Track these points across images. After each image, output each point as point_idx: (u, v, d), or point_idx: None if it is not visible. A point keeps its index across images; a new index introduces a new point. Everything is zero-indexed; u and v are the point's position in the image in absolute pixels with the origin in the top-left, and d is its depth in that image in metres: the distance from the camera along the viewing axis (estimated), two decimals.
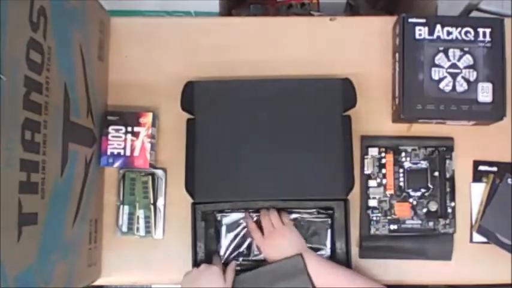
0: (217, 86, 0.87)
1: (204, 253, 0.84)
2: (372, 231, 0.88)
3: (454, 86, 0.84)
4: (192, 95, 0.86)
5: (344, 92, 0.86)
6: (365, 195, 0.89)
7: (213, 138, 0.85)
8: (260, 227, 0.84)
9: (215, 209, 0.85)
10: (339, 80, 0.87)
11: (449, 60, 0.85)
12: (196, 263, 0.83)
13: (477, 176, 0.90)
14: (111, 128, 0.86)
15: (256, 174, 0.84)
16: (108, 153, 0.86)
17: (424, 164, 0.89)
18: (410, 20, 0.86)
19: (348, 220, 0.84)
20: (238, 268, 0.83)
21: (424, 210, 0.88)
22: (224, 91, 0.87)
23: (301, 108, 0.85)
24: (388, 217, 0.88)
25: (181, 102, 0.87)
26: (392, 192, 0.89)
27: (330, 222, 0.86)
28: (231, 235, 0.86)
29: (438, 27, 0.85)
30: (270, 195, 0.84)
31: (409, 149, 0.90)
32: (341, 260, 0.83)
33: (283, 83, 0.87)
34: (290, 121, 0.85)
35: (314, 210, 0.86)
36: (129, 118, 0.87)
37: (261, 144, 0.85)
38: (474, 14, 1.08)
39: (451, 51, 0.85)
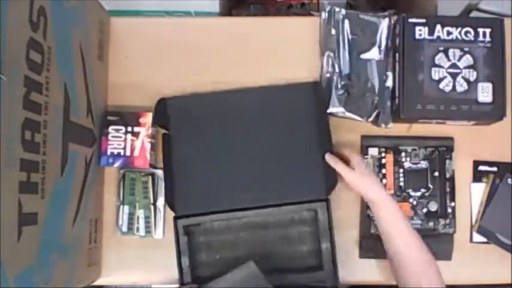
0: (190, 101, 0.88)
1: (191, 268, 0.84)
2: (372, 230, 0.88)
3: (454, 86, 0.84)
4: (165, 111, 0.87)
5: (316, 95, 0.87)
6: None
7: (190, 151, 0.86)
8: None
9: (197, 223, 0.85)
10: (309, 84, 0.88)
11: (449, 60, 0.85)
12: (182, 279, 0.83)
13: (477, 176, 0.90)
14: (111, 128, 0.86)
15: (236, 183, 0.84)
16: (108, 153, 0.86)
17: (424, 164, 0.89)
18: (410, 20, 0.86)
19: (331, 220, 0.84)
20: None
21: (424, 210, 0.88)
22: (198, 105, 0.87)
23: (276, 115, 0.86)
24: None
25: (153, 119, 0.87)
26: (392, 192, 0.89)
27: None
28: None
29: (438, 27, 0.85)
30: (251, 203, 0.84)
31: (409, 149, 0.90)
32: (327, 260, 0.83)
33: (255, 92, 0.88)
34: (266, 128, 0.86)
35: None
36: (129, 118, 0.87)
37: (239, 153, 0.85)
38: (474, 14, 1.08)
39: (451, 51, 0.85)
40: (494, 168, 0.90)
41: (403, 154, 0.90)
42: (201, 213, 0.84)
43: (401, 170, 0.89)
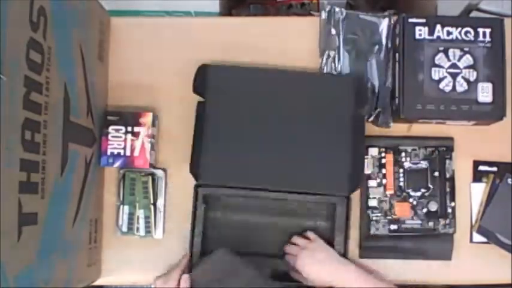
0: (230, 71, 0.87)
1: (202, 239, 0.84)
2: (372, 231, 0.88)
3: (454, 86, 0.84)
4: (205, 78, 0.86)
5: (356, 90, 0.86)
6: (365, 195, 0.89)
7: (222, 122, 0.85)
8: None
9: (217, 193, 0.85)
10: (351, 77, 0.88)
11: (449, 60, 0.85)
12: (192, 248, 0.84)
13: (477, 176, 0.90)
14: (111, 128, 0.86)
15: (262, 162, 0.84)
16: (108, 153, 0.86)
17: (424, 164, 0.89)
18: (410, 20, 0.85)
19: (349, 218, 0.84)
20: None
21: (424, 210, 0.88)
22: (237, 77, 0.87)
23: (314, 103, 0.85)
24: (388, 217, 0.88)
25: (193, 85, 0.87)
26: (392, 192, 0.89)
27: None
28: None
29: (438, 27, 0.85)
30: (273, 185, 0.84)
31: (409, 149, 0.90)
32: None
33: (298, 76, 0.87)
34: (301, 114, 0.85)
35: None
36: (129, 118, 0.87)
37: (270, 133, 0.85)
38: (474, 14, 1.08)
39: (451, 51, 0.85)
40: (494, 168, 0.90)
41: (403, 154, 0.90)
42: (223, 185, 0.84)
43: (401, 170, 0.89)
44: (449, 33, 0.85)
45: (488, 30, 0.85)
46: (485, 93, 0.84)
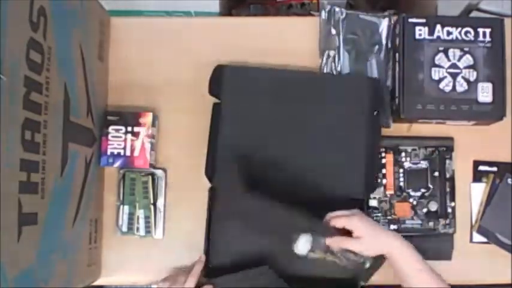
0: (246, 72, 0.86)
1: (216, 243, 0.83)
2: None
3: (454, 86, 0.84)
4: (221, 79, 0.85)
5: (373, 91, 0.85)
6: None
7: (238, 124, 0.84)
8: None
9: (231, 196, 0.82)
10: (368, 78, 0.87)
11: (449, 60, 0.85)
12: (208, 252, 0.82)
13: (477, 176, 0.90)
14: (111, 128, 0.86)
15: (277, 164, 0.83)
16: (108, 153, 0.86)
17: (424, 164, 0.89)
18: (410, 20, 0.85)
19: None
20: None
21: (424, 210, 0.88)
22: (253, 78, 0.86)
23: (330, 103, 0.85)
24: (388, 217, 0.88)
25: (209, 86, 0.86)
26: (392, 192, 0.89)
27: None
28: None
29: (438, 27, 0.85)
30: (287, 190, 0.82)
31: (409, 149, 0.90)
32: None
33: (314, 76, 0.87)
34: (318, 115, 0.84)
35: None
36: (129, 118, 0.87)
37: (285, 135, 0.84)
38: (474, 14, 1.08)
39: (451, 51, 0.85)
40: (494, 168, 0.90)
41: (403, 154, 0.90)
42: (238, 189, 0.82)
43: (401, 170, 0.89)
44: (449, 33, 0.85)
45: (488, 30, 0.85)
46: (485, 93, 0.84)
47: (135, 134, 0.86)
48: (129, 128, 0.86)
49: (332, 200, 0.83)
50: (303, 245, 0.77)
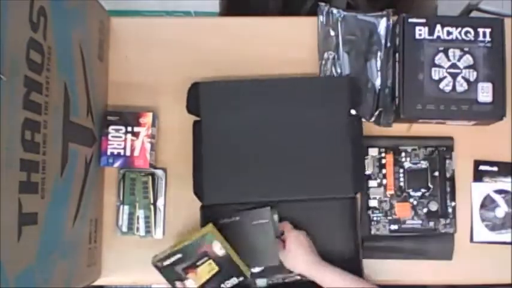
0: (223, 87, 0.87)
1: None
2: (373, 231, 0.88)
3: (454, 86, 0.84)
4: (198, 96, 0.86)
5: (350, 90, 0.86)
6: (365, 196, 0.89)
7: (220, 139, 0.85)
8: None
9: (223, 212, 0.84)
10: (344, 78, 0.87)
11: (449, 60, 0.85)
12: None
13: (477, 176, 0.90)
14: (111, 128, 0.86)
15: (265, 174, 0.84)
16: (108, 153, 0.86)
17: (424, 164, 0.89)
18: (410, 20, 0.85)
19: (356, 217, 0.84)
20: None
21: (425, 210, 0.88)
22: (230, 91, 0.86)
23: (309, 107, 0.85)
24: (389, 217, 0.88)
25: (187, 104, 0.87)
26: (392, 192, 0.89)
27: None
28: None
29: (438, 27, 0.85)
30: (278, 196, 0.84)
31: (409, 149, 0.90)
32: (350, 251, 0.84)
33: (290, 82, 0.87)
34: (298, 120, 0.85)
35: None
36: (129, 118, 0.87)
37: (269, 144, 0.85)
38: (474, 14, 1.08)
39: (451, 51, 0.85)
40: (495, 168, 0.90)
41: (403, 154, 0.90)
42: (229, 203, 0.84)
43: (401, 170, 0.89)
44: (449, 33, 0.85)
45: (488, 30, 0.85)
46: (485, 93, 0.84)
47: (135, 134, 0.86)
48: (129, 128, 0.86)
49: (323, 201, 0.84)
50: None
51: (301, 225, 0.84)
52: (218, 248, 0.77)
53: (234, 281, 0.79)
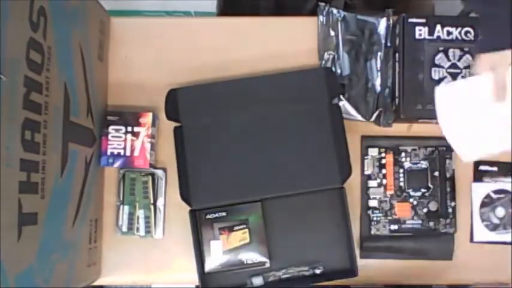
0: (199, 90, 0.87)
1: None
2: (373, 231, 0.88)
3: None
4: (176, 102, 0.86)
5: (328, 80, 0.86)
6: (365, 196, 0.89)
7: (203, 143, 0.85)
8: None
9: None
10: (320, 69, 0.88)
11: (449, 60, 0.85)
12: (203, 273, 0.82)
13: (477, 176, 0.90)
14: (111, 128, 0.86)
15: (251, 173, 0.84)
16: (108, 153, 0.86)
17: (424, 164, 0.89)
18: (410, 20, 0.86)
19: (347, 208, 0.83)
20: None
21: (425, 210, 0.88)
22: (208, 94, 0.86)
23: (288, 101, 0.85)
24: (389, 217, 0.88)
25: (166, 111, 0.86)
26: (392, 192, 0.89)
27: None
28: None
29: (438, 27, 0.85)
30: (266, 193, 0.84)
31: (409, 149, 0.90)
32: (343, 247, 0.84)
33: (266, 79, 0.87)
34: (278, 115, 0.85)
35: None
36: (129, 118, 0.87)
37: (252, 143, 0.85)
38: (474, 14, 1.08)
39: (451, 51, 0.85)
40: (495, 168, 0.90)
41: (403, 154, 0.90)
42: (217, 206, 0.84)
43: (401, 170, 0.89)
44: (449, 33, 0.85)
45: None
46: None
47: (135, 134, 0.86)
48: (129, 128, 0.86)
49: (311, 194, 0.84)
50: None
51: (291, 221, 0.85)
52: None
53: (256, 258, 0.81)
